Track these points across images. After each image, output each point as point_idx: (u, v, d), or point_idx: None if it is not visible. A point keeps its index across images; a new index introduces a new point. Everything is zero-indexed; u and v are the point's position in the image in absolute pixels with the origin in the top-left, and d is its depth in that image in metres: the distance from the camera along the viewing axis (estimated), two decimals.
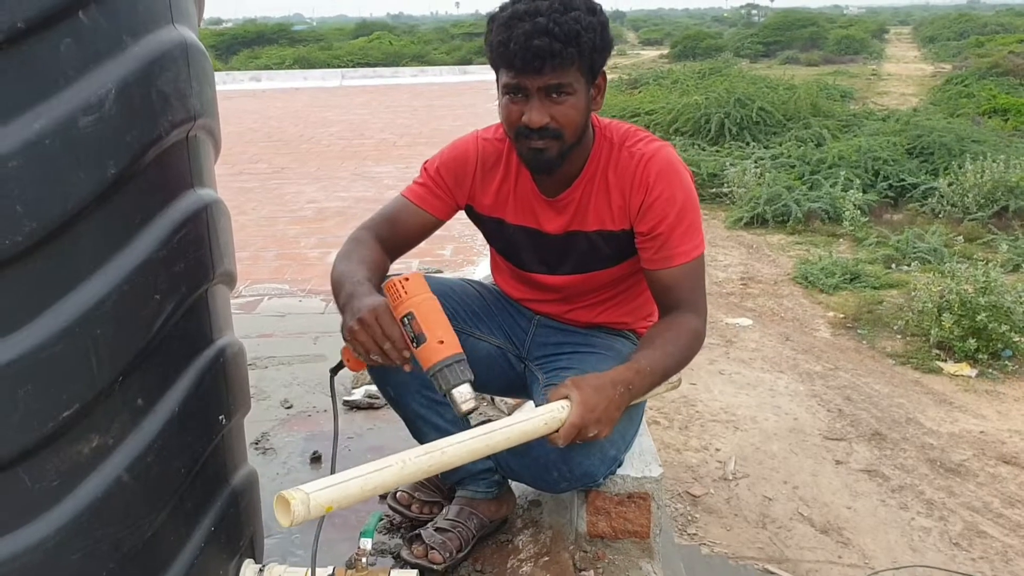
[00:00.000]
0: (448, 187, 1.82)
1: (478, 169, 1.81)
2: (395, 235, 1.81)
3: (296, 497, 1.16)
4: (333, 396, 1.62)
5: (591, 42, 1.56)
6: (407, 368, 1.52)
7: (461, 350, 1.49)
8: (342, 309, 1.58)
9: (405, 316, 1.49)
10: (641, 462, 1.85)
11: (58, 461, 1.08)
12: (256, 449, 2.33)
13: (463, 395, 1.47)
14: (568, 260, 1.82)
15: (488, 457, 1.85)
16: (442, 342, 1.47)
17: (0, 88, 0.98)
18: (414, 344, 1.48)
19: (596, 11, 1.59)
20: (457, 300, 1.88)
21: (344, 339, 1.55)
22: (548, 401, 1.53)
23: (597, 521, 1.84)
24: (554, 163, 1.65)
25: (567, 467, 1.67)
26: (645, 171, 1.69)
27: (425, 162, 1.87)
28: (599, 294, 1.88)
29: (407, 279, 1.52)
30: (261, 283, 4.01)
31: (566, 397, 1.50)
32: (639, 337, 1.87)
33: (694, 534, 2.97)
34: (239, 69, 18.90)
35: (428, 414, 1.80)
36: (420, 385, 1.75)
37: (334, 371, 1.67)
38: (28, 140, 0.99)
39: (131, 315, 1.15)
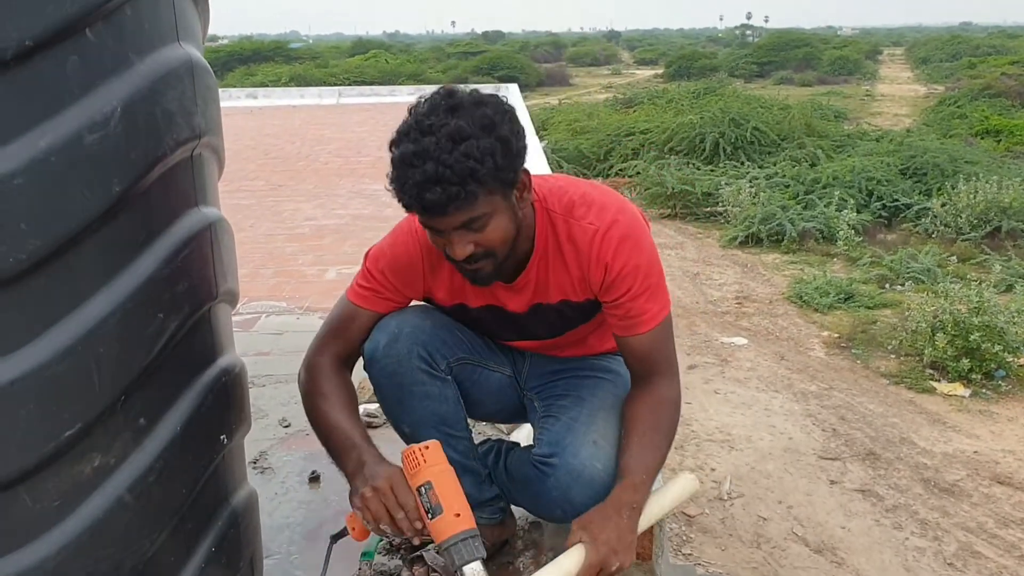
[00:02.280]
0: (397, 288, 1.73)
1: (426, 266, 1.71)
2: (350, 343, 1.75)
3: None
4: (326, 566, 1.60)
5: (492, 168, 1.40)
6: (416, 541, 1.49)
7: (475, 525, 1.46)
8: (350, 476, 1.55)
9: (423, 485, 1.47)
10: None
11: (59, 481, 1.07)
12: (254, 468, 2.32)
13: (475, 572, 1.44)
14: (539, 328, 1.78)
15: (494, 483, 1.85)
16: (458, 515, 1.45)
17: (6, 106, 0.97)
18: (429, 515, 1.46)
19: (494, 126, 1.42)
20: (468, 333, 1.83)
21: (353, 507, 1.52)
22: (564, 550, 1.51)
23: None
24: (494, 277, 1.59)
25: (571, 507, 1.65)
26: (602, 248, 1.60)
27: (368, 253, 1.76)
28: (580, 341, 1.86)
29: (427, 447, 1.50)
30: (259, 300, 3.99)
31: (579, 542, 1.49)
32: None
33: (689, 554, 2.96)
34: (235, 86, 18.90)
35: (444, 449, 1.78)
36: (438, 421, 1.73)
37: (335, 538, 1.64)
38: (33, 157, 0.99)
39: (134, 334, 1.14)
